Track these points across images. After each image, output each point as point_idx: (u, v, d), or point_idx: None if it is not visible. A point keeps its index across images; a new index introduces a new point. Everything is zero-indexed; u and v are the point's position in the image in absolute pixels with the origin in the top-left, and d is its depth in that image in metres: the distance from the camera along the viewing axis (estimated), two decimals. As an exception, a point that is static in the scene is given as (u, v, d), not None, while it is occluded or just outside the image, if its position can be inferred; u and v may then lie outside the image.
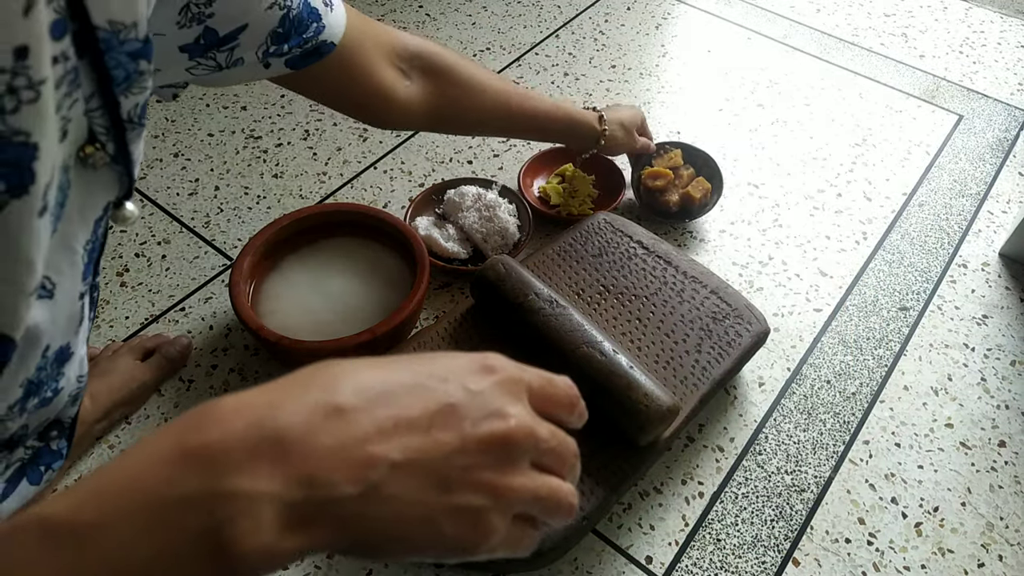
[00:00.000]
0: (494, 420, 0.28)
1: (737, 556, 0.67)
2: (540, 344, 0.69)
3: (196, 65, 0.49)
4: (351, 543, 0.27)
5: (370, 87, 0.61)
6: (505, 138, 1.07)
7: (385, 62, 0.62)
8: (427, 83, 0.66)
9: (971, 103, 1.17)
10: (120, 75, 0.36)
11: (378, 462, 0.26)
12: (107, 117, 0.37)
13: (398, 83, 0.64)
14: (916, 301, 0.89)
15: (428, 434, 0.27)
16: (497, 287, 0.73)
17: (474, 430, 0.28)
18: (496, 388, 0.30)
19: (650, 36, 1.28)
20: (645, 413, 0.63)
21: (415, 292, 0.74)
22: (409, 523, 0.27)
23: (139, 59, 0.37)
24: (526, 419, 0.29)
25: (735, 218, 0.97)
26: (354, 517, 0.26)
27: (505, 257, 0.76)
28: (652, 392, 0.64)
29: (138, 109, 0.39)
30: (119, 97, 0.37)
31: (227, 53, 0.49)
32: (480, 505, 0.28)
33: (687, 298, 0.77)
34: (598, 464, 0.65)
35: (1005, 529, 0.70)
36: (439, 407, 0.28)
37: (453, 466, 0.27)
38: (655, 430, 0.64)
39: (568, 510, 0.30)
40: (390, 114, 0.65)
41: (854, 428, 0.77)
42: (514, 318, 0.71)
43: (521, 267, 0.75)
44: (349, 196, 0.99)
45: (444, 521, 0.27)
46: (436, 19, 1.30)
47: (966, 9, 1.38)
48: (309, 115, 1.10)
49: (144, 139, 0.41)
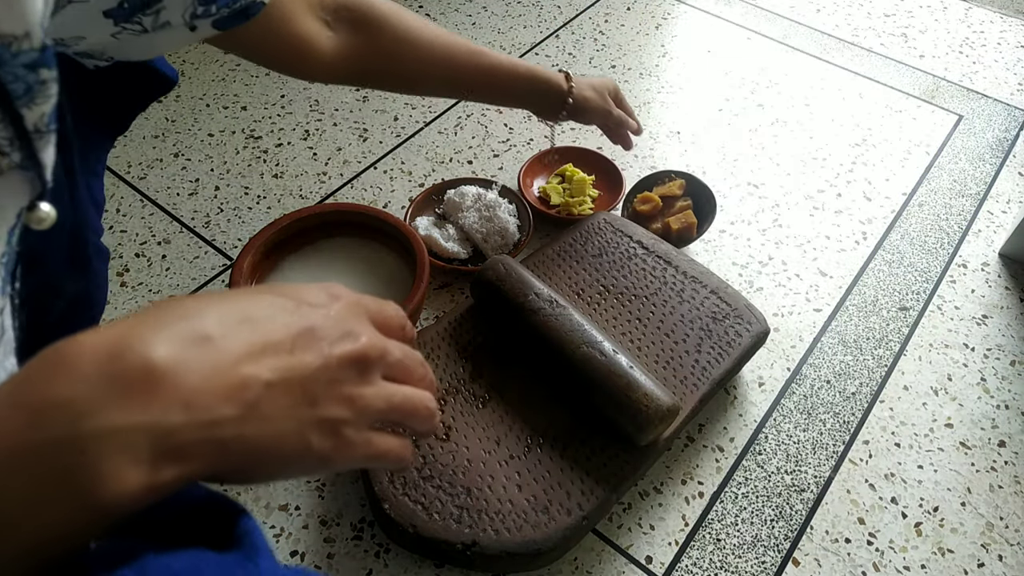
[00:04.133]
0: (348, 340, 0.32)
1: (737, 556, 0.67)
2: (540, 344, 0.69)
3: (121, 31, 0.46)
4: (228, 469, 0.28)
5: (291, 40, 0.59)
6: (460, 99, 1.03)
7: (308, 14, 0.60)
8: (354, 34, 0.64)
9: (971, 103, 1.17)
10: (19, 88, 0.33)
11: (252, 382, 0.28)
12: (11, 129, 0.34)
13: (321, 34, 0.62)
14: (916, 301, 0.89)
15: (292, 355, 0.30)
16: (497, 287, 0.73)
17: (331, 349, 0.31)
18: (345, 312, 0.33)
19: (650, 36, 1.28)
20: (645, 413, 0.63)
21: (415, 292, 0.74)
22: (284, 440, 0.29)
23: (38, 69, 0.34)
24: (375, 338, 0.33)
25: (735, 218, 0.97)
26: (234, 439, 0.28)
27: (505, 257, 0.76)
28: (652, 392, 0.64)
29: (45, 118, 0.36)
30: (21, 110, 0.34)
31: (153, 16, 0.47)
32: (343, 417, 0.31)
33: (687, 298, 0.77)
34: (598, 464, 0.65)
35: (1005, 529, 0.70)
36: (299, 330, 0.31)
37: (318, 382, 0.30)
38: (655, 430, 0.64)
39: (425, 413, 0.34)
40: (310, 66, 0.63)
41: (854, 428, 0.77)
42: (514, 318, 0.71)
43: (521, 267, 0.75)
44: (349, 196, 0.99)
45: (312, 435, 0.30)
46: (436, 19, 1.30)
47: (966, 9, 1.38)
48: (309, 115, 1.10)
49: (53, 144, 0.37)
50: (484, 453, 0.66)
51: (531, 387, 0.71)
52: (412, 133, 1.08)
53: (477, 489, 0.63)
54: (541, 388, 0.70)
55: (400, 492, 0.63)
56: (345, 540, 0.67)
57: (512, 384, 0.71)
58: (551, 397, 0.70)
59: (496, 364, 0.73)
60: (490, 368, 0.72)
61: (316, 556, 0.66)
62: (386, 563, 0.66)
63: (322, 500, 0.70)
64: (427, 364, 0.36)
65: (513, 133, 1.08)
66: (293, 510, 0.69)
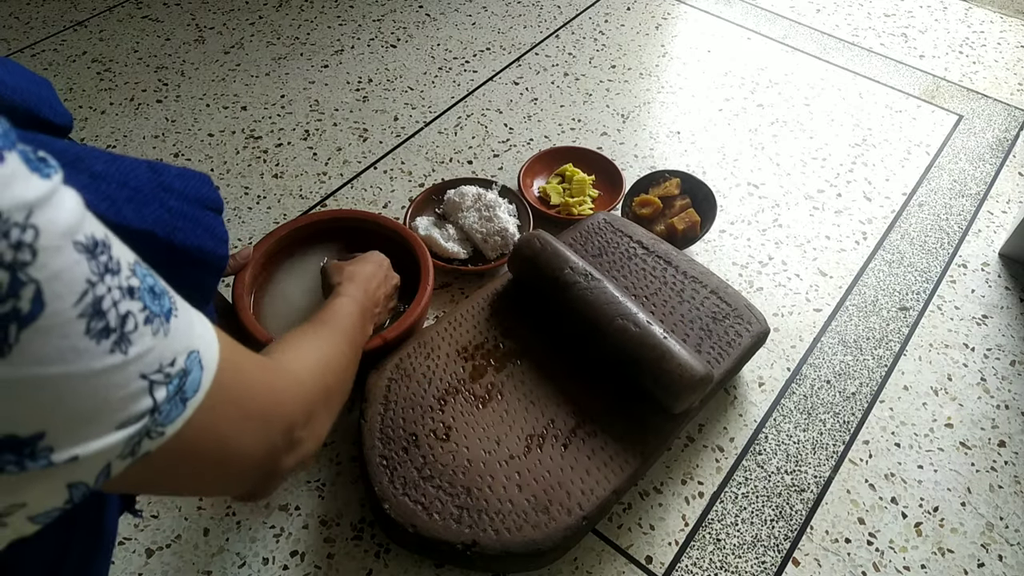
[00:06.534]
0: (389, 281, 0.73)
1: (737, 556, 0.67)
2: (576, 317, 0.71)
3: None
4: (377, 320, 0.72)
5: None
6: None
7: None
8: None
9: (971, 103, 1.17)
10: None
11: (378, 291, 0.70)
12: None
13: None
14: (916, 301, 0.89)
15: (383, 284, 0.71)
16: (533, 261, 0.75)
17: (388, 284, 0.72)
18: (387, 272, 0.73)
19: (650, 36, 1.28)
20: (679, 382, 0.64)
21: (420, 296, 0.74)
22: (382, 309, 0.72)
23: None
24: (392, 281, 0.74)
25: (735, 218, 0.97)
26: (376, 303, 0.70)
27: (540, 232, 0.78)
28: (686, 361, 0.65)
29: None
30: None
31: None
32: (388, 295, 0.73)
33: (687, 298, 0.77)
34: (599, 463, 0.65)
35: (1005, 529, 0.70)
36: (381, 278, 0.71)
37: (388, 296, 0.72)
38: (689, 398, 0.65)
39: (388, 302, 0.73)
40: None
41: (854, 428, 0.77)
42: (550, 293, 0.73)
43: (556, 241, 0.76)
44: (349, 196, 0.99)
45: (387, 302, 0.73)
46: (436, 19, 1.30)
47: (966, 9, 1.38)
48: (309, 115, 1.10)
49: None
50: (484, 453, 0.66)
51: (535, 383, 0.71)
52: (412, 133, 1.08)
53: (477, 489, 0.63)
54: (547, 384, 0.70)
55: (400, 492, 0.63)
56: (345, 540, 0.67)
57: (517, 379, 0.71)
58: (556, 392, 0.70)
59: (498, 361, 0.73)
60: (492, 364, 0.72)
61: (316, 556, 0.66)
62: (386, 563, 0.66)
63: (322, 500, 0.70)
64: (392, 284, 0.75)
65: (513, 133, 1.08)
66: (293, 510, 0.69)
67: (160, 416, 0.30)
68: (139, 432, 0.30)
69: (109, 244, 0.29)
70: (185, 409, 0.32)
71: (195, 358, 0.33)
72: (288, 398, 0.43)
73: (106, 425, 0.28)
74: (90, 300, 0.27)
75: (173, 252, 0.44)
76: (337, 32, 1.27)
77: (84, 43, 1.23)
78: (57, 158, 0.28)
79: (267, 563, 0.66)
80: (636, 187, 0.95)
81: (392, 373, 0.71)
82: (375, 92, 1.15)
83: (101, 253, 0.28)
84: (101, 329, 0.27)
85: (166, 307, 0.31)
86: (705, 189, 0.93)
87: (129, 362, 0.29)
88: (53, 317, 0.25)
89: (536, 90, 1.16)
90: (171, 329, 0.31)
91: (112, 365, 0.28)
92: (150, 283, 0.31)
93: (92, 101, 1.12)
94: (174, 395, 0.31)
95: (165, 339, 0.31)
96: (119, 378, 0.28)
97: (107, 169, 0.41)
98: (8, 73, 0.45)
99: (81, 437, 0.28)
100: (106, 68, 1.18)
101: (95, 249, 0.28)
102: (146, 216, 0.42)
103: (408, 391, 0.70)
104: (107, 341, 0.28)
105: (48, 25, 1.27)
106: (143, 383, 0.29)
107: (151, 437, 0.31)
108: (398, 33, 1.27)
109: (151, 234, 0.42)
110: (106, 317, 0.28)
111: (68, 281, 0.26)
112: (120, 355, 0.28)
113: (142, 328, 0.29)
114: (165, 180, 0.45)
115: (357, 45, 1.24)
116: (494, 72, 1.19)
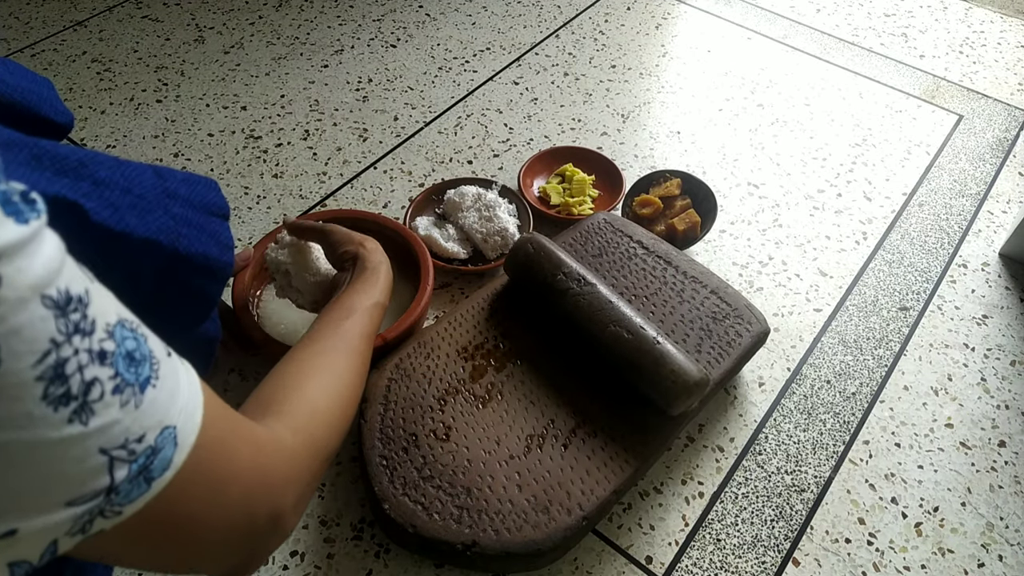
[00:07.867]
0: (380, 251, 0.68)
1: (737, 556, 0.67)
2: (570, 323, 0.71)
3: None
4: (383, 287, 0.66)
5: None
6: None
7: None
8: None
9: (971, 103, 1.17)
10: None
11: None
12: None
13: None
14: (916, 301, 0.89)
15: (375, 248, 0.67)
16: (528, 266, 0.75)
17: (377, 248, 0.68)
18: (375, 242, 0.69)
19: (650, 36, 1.28)
20: (674, 387, 0.65)
21: (420, 296, 0.74)
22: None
23: None
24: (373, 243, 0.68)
25: (735, 218, 0.97)
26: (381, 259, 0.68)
27: (535, 235, 0.77)
28: (680, 367, 0.65)
29: None
30: None
31: None
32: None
33: (687, 298, 0.77)
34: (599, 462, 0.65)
35: (1005, 529, 0.70)
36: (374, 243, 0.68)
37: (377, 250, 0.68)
38: (685, 402, 0.65)
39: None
40: None
41: (854, 428, 0.77)
42: (544, 299, 0.74)
43: (551, 244, 0.76)
44: (349, 196, 0.99)
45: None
46: (436, 19, 1.30)
47: (966, 9, 1.38)
48: (309, 115, 1.10)
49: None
50: (484, 453, 0.66)
51: (535, 383, 0.71)
52: (412, 133, 1.08)
53: (477, 489, 0.63)
54: (547, 384, 0.70)
55: (400, 492, 0.63)
56: (345, 540, 0.67)
57: (517, 379, 0.71)
58: (556, 392, 0.70)
59: (498, 361, 0.73)
60: (492, 364, 0.72)
61: (316, 556, 0.66)
62: (386, 563, 0.66)
63: (322, 500, 0.70)
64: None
65: (513, 133, 1.08)
66: (293, 510, 0.69)
67: (118, 497, 0.27)
68: (91, 511, 0.27)
69: (87, 301, 0.26)
70: (149, 489, 0.29)
71: (169, 435, 0.29)
72: (279, 480, 0.38)
73: (54, 501, 0.26)
74: (52, 362, 0.24)
75: (177, 260, 0.43)
76: (337, 32, 1.27)
77: (84, 43, 1.23)
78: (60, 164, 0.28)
79: (267, 563, 0.66)
80: (636, 187, 0.95)
81: (392, 373, 0.71)
82: (375, 92, 1.15)
83: (74, 311, 0.25)
84: (61, 395, 0.25)
85: (143, 376, 0.28)
86: (705, 189, 0.93)
87: (88, 435, 0.26)
88: (7, 376, 0.23)
89: (536, 90, 1.16)
90: (144, 401, 0.28)
91: (68, 436, 0.25)
92: (129, 347, 0.28)
93: (92, 101, 1.12)
94: (136, 475, 0.28)
95: (135, 412, 0.28)
96: (75, 451, 0.25)
97: (111, 175, 0.40)
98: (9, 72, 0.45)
99: (24, 509, 0.25)
100: (106, 68, 1.18)
101: (67, 306, 0.25)
102: (150, 223, 0.42)
103: (408, 391, 0.70)
104: (66, 409, 0.25)
105: (48, 25, 1.27)
106: (102, 459, 0.26)
107: (105, 516, 0.28)
108: (398, 33, 1.27)
109: (155, 242, 0.42)
110: (68, 382, 0.25)
111: (29, 339, 0.23)
112: (79, 426, 0.25)
113: (109, 398, 0.26)
114: (170, 186, 0.44)
115: (357, 45, 1.24)
116: (494, 72, 1.19)
